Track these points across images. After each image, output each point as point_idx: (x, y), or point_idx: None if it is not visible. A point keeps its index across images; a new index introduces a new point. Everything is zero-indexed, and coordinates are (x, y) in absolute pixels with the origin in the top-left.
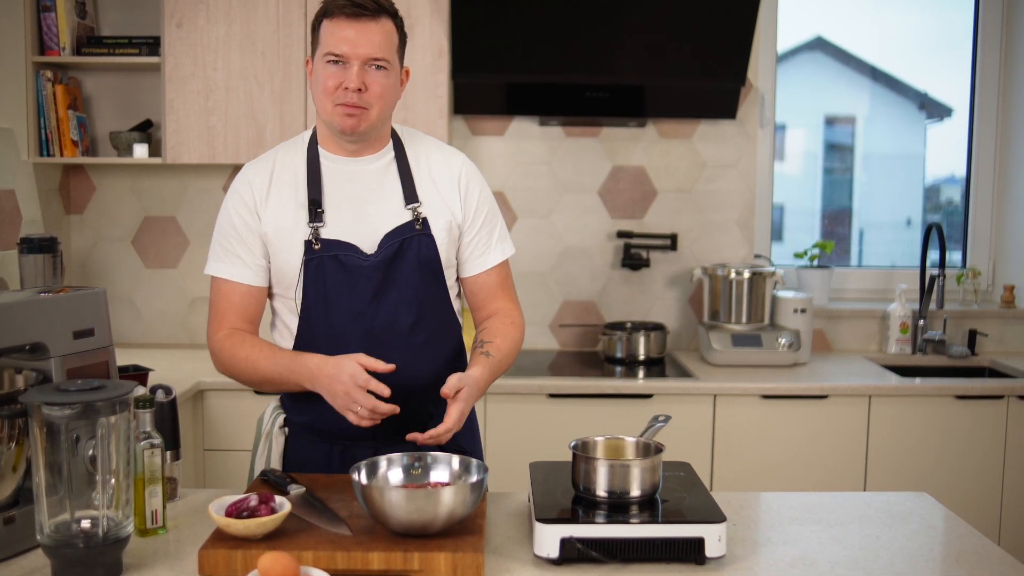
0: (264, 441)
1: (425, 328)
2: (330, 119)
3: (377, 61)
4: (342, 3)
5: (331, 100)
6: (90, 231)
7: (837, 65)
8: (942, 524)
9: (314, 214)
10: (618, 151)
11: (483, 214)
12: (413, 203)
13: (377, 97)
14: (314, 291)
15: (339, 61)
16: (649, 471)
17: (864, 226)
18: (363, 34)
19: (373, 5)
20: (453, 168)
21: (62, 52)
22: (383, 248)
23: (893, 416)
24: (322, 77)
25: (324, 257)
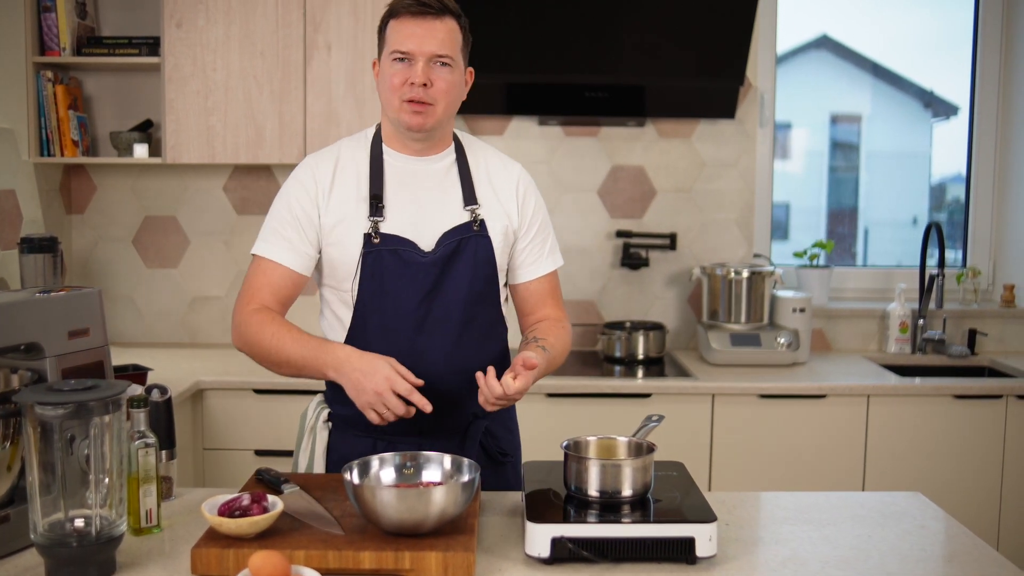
0: (308, 436)
1: (474, 327)
2: (397, 116)
3: (442, 58)
4: (408, 2)
5: (397, 97)
6: (91, 231)
7: (842, 63)
8: (935, 524)
9: (375, 208)
10: (617, 151)
11: (538, 223)
12: (472, 204)
13: (442, 93)
14: (371, 284)
15: (405, 58)
16: (641, 471)
17: (870, 225)
18: (428, 31)
19: (438, 4)
20: (512, 176)
21: (62, 52)
22: (441, 246)
23: (891, 416)
24: (388, 75)
25: (383, 251)
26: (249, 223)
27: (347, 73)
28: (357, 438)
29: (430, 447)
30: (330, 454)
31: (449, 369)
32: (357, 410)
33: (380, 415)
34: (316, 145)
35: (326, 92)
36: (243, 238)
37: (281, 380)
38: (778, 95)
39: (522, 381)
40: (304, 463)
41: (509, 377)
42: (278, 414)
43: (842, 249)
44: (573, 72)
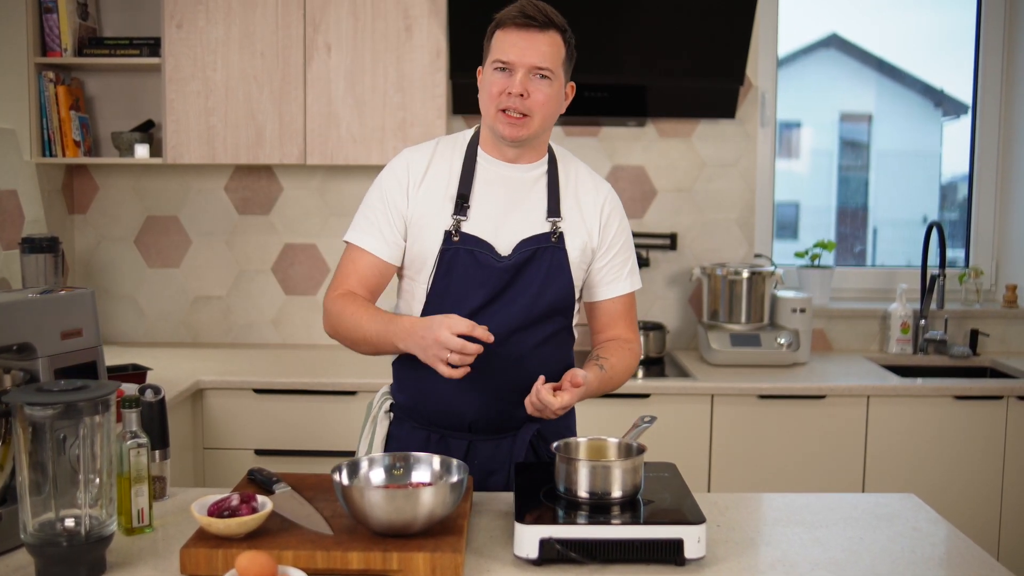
0: (370, 425)
1: (538, 336)
2: (493, 124)
3: (541, 70)
4: (514, 14)
5: (495, 105)
6: (93, 231)
7: (851, 62)
8: (928, 526)
9: (460, 207)
10: (617, 150)
11: (619, 244)
12: (554, 216)
13: (539, 105)
14: (445, 281)
15: (505, 68)
16: (630, 472)
17: (880, 224)
18: (530, 43)
19: (543, 17)
20: (599, 196)
21: (64, 53)
22: (517, 252)
23: (891, 417)
24: (488, 83)
25: (460, 250)
26: (250, 223)
27: (347, 74)
28: (414, 430)
29: (481, 445)
30: (389, 443)
31: (506, 372)
32: (415, 400)
33: (451, 365)
34: (316, 146)
35: (326, 93)
36: (244, 238)
37: (281, 380)
38: (787, 94)
39: (565, 398)
40: (364, 450)
41: (549, 390)
42: (278, 414)
43: (850, 249)
44: (579, 72)
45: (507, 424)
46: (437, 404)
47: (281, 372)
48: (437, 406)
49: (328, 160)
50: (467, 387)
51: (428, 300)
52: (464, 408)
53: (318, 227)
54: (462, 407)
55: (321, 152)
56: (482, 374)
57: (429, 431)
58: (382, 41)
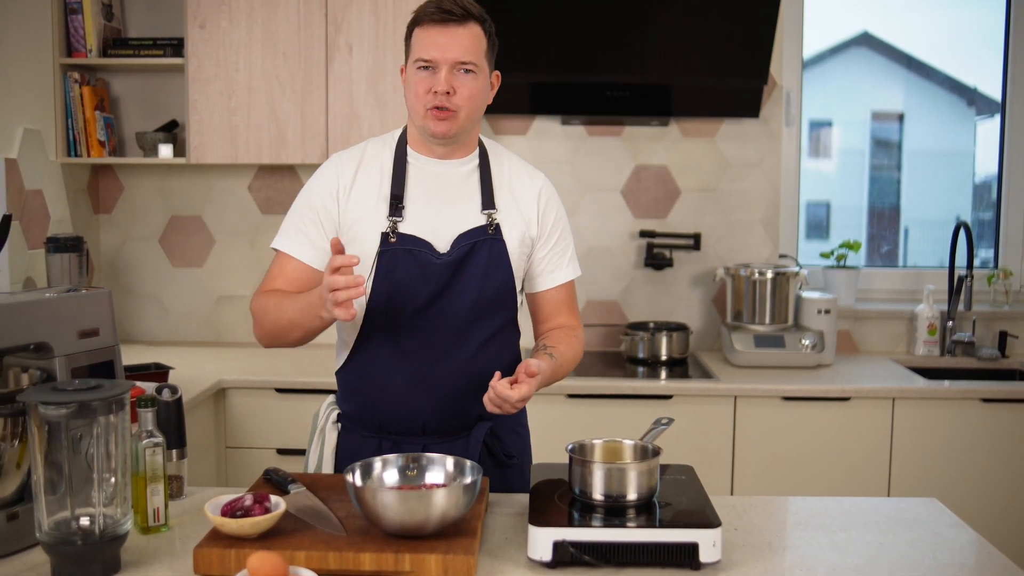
0: (318, 436)
1: (484, 330)
2: (422, 123)
3: (465, 65)
4: (431, 10)
5: (422, 104)
6: (118, 230)
7: (883, 61)
8: (949, 532)
9: (394, 208)
10: (641, 150)
11: (558, 233)
12: (489, 209)
13: (466, 100)
14: (385, 283)
15: (428, 66)
16: (646, 474)
17: (912, 224)
18: (451, 39)
19: (460, 10)
20: (534, 185)
21: (89, 54)
22: (455, 248)
23: (917, 419)
24: (413, 82)
25: (398, 250)
26: (274, 223)
27: (368, 73)
28: (364, 439)
29: (435, 447)
30: (339, 454)
31: (456, 370)
32: (362, 407)
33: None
34: (338, 145)
35: (347, 92)
36: (268, 237)
37: (302, 380)
38: (818, 93)
39: (523, 389)
40: (313, 463)
41: (506, 384)
42: (299, 413)
43: (881, 249)
44: (597, 71)
45: (461, 424)
46: (388, 409)
47: (303, 372)
48: (389, 411)
49: None
50: (419, 388)
51: (370, 302)
52: (417, 410)
53: None
54: (415, 409)
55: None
56: (433, 374)
57: (381, 438)
58: (403, 40)
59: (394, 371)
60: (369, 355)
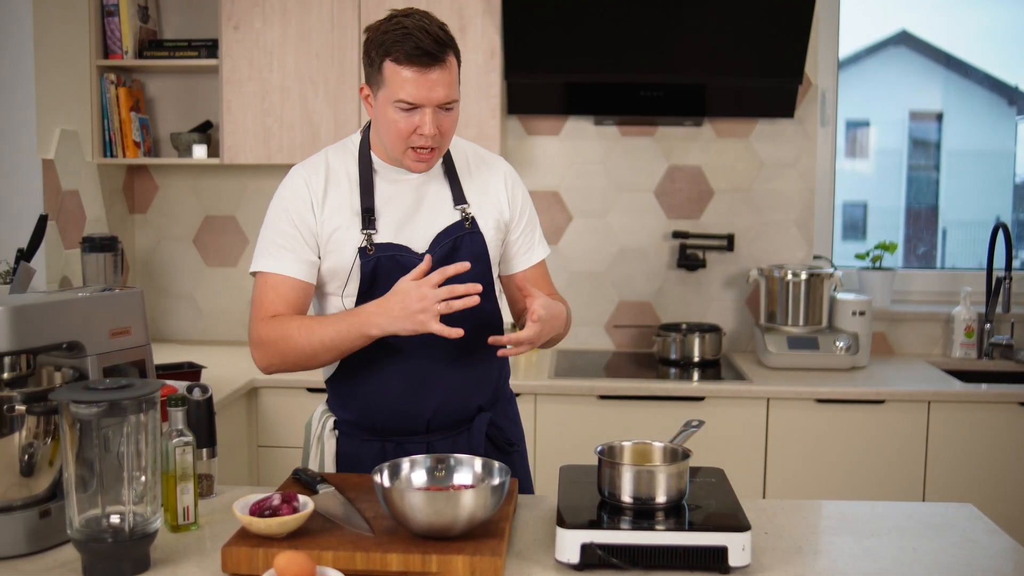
0: (316, 445)
1: (474, 322)
2: (401, 159)
3: (448, 104)
4: (409, 50)
5: (403, 143)
6: (153, 230)
7: (922, 60)
8: (985, 538)
9: (367, 221)
10: (674, 150)
11: (527, 213)
12: (461, 204)
13: (448, 133)
14: (373, 290)
15: (411, 108)
16: (675, 477)
17: (951, 225)
18: (435, 82)
19: (436, 47)
20: (498, 170)
21: (125, 56)
22: (436, 247)
23: (954, 423)
24: (392, 120)
25: (381, 258)
26: None
27: None
28: (365, 442)
29: (439, 443)
30: (340, 460)
31: (452, 365)
32: (360, 413)
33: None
34: None
35: None
36: None
37: None
38: (855, 93)
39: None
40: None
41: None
42: None
43: (919, 250)
44: (630, 72)
45: (463, 417)
46: (391, 412)
47: None
48: (391, 414)
49: None
50: (421, 389)
51: None
52: (420, 410)
53: None
54: (418, 410)
55: None
56: (433, 374)
57: (383, 440)
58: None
59: (394, 376)
60: (365, 362)
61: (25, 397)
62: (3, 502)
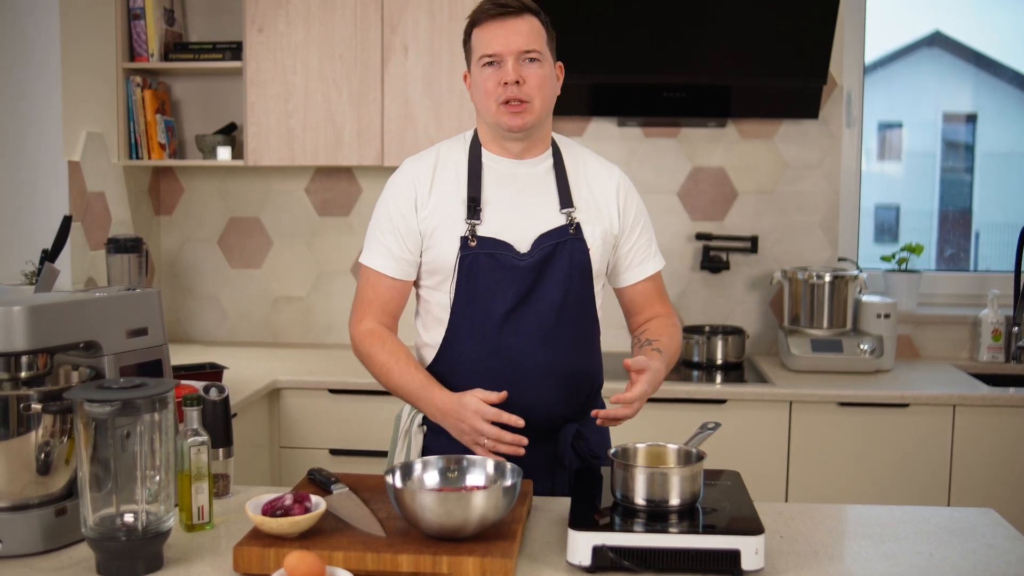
0: (403, 438)
1: (567, 331)
2: (496, 120)
3: (529, 53)
4: (487, 7)
5: (493, 100)
6: (179, 232)
7: (956, 61)
8: (1005, 544)
9: (472, 211)
10: (697, 152)
11: (640, 225)
12: (568, 207)
13: (536, 88)
14: (468, 287)
15: (494, 61)
16: (689, 479)
17: (984, 227)
18: (511, 30)
19: (516, 3)
20: (612, 180)
21: (151, 58)
22: (537, 249)
23: (979, 427)
24: (481, 81)
25: (479, 254)
26: (330, 225)
27: (424, 75)
28: (450, 440)
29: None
30: (425, 456)
31: (541, 372)
32: None
33: (486, 448)
34: (393, 147)
35: (403, 94)
36: (325, 239)
37: (355, 381)
38: (887, 95)
39: (639, 388)
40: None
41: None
42: (352, 414)
43: (947, 252)
44: (653, 73)
45: (550, 426)
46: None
47: (357, 372)
48: None
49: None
50: (512, 391)
51: (454, 309)
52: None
53: None
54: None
55: (398, 153)
56: (521, 378)
57: None
58: (459, 42)
59: (481, 377)
60: (455, 360)
61: (42, 396)
62: (20, 500)
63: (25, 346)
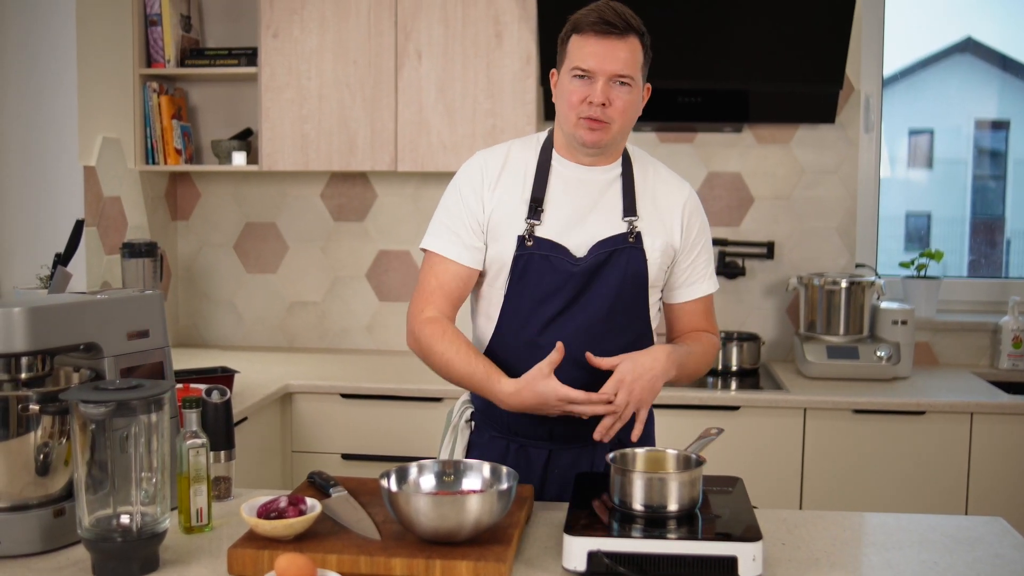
0: (451, 433)
1: (617, 339)
2: (573, 131)
3: (622, 78)
4: (593, 20)
5: (575, 113)
6: (195, 237)
7: (988, 67)
8: (1012, 553)
9: (533, 211)
10: (713, 157)
11: (700, 245)
12: (631, 216)
13: (620, 113)
14: (519, 286)
15: (585, 76)
16: (687, 485)
17: (1016, 235)
18: (611, 51)
19: (622, 23)
20: (680, 196)
21: (167, 64)
22: (592, 254)
23: (998, 436)
24: (567, 90)
25: (535, 255)
26: (345, 230)
27: (437, 81)
28: (493, 439)
29: (561, 454)
30: (470, 452)
31: (587, 378)
32: (494, 410)
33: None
34: (407, 153)
35: (416, 100)
36: (340, 244)
37: (367, 385)
38: (918, 101)
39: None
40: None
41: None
42: (364, 418)
43: (980, 260)
44: (669, 77)
45: (587, 432)
46: (516, 415)
47: (369, 377)
48: (516, 417)
49: (419, 167)
50: None
51: (504, 308)
52: (544, 417)
53: (412, 233)
54: (542, 416)
55: (412, 159)
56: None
57: (508, 440)
58: (472, 48)
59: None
60: (502, 357)
61: (40, 397)
62: (19, 501)
63: (25, 347)
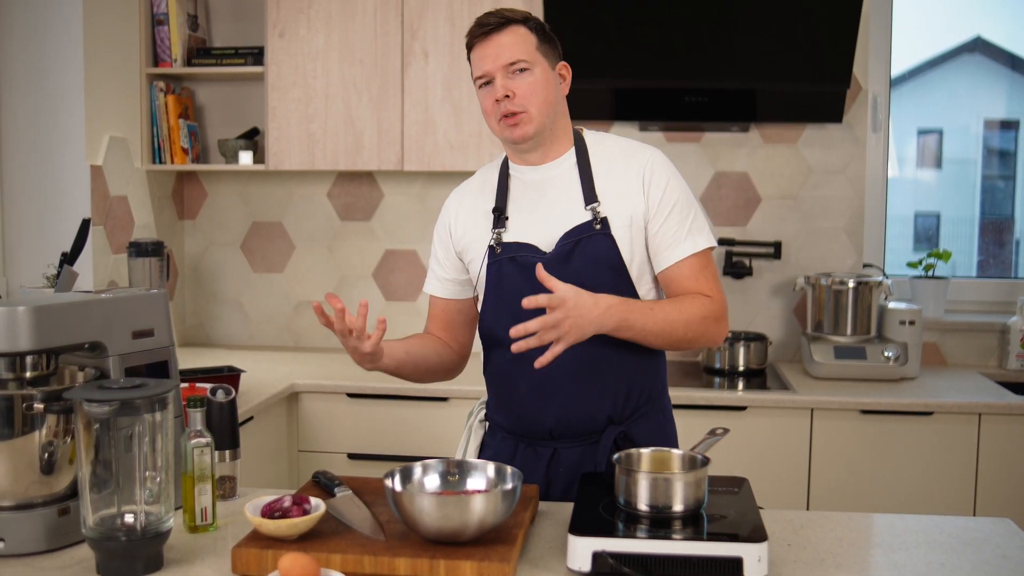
0: (465, 433)
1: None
2: (501, 135)
3: (515, 65)
4: (473, 28)
5: (494, 118)
6: (202, 236)
7: (998, 67)
8: (1018, 554)
9: (498, 220)
10: (720, 156)
11: (669, 206)
12: (592, 203)
13: (527, 97)
14: (495, 293)
15: (487, 81)
16: (693, 485)
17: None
18: (494, 47)
19: (497, 18)
20: (637, 160)
21: (174, 64)
22: (559, 247)
23: (1006, 436)
24: (481, 101)
25: (503, 260)
26: (352, 229)
27: (444, 80)
28: (503, 439)
29: (566, 452)
30: (482, 453)
31: (572, 375)
32: (500, 412)
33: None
34: (413, 152)
35: (423, 99)
36: (346, 244)
37: (373, 385)
38: (927, 101)
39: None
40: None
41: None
42: (371, 418)
43: (979, 259)
44: (676, 77)
45: (589, 428)
46: (517, 414)
47: (375, 377)
48: (518, 416)
49: (425, 166)
50: (542, 394)
51: (483, 316)
52: (542, 415)
53: (418, 233)
54: (540, 415)
55: (418, 158)
56: (553, 379)
57: (517, 439)
58: None
59: (518, 378)
60: (495, 363)
61: (45, 396)
62: (24, 499)
63: (29, 346)
